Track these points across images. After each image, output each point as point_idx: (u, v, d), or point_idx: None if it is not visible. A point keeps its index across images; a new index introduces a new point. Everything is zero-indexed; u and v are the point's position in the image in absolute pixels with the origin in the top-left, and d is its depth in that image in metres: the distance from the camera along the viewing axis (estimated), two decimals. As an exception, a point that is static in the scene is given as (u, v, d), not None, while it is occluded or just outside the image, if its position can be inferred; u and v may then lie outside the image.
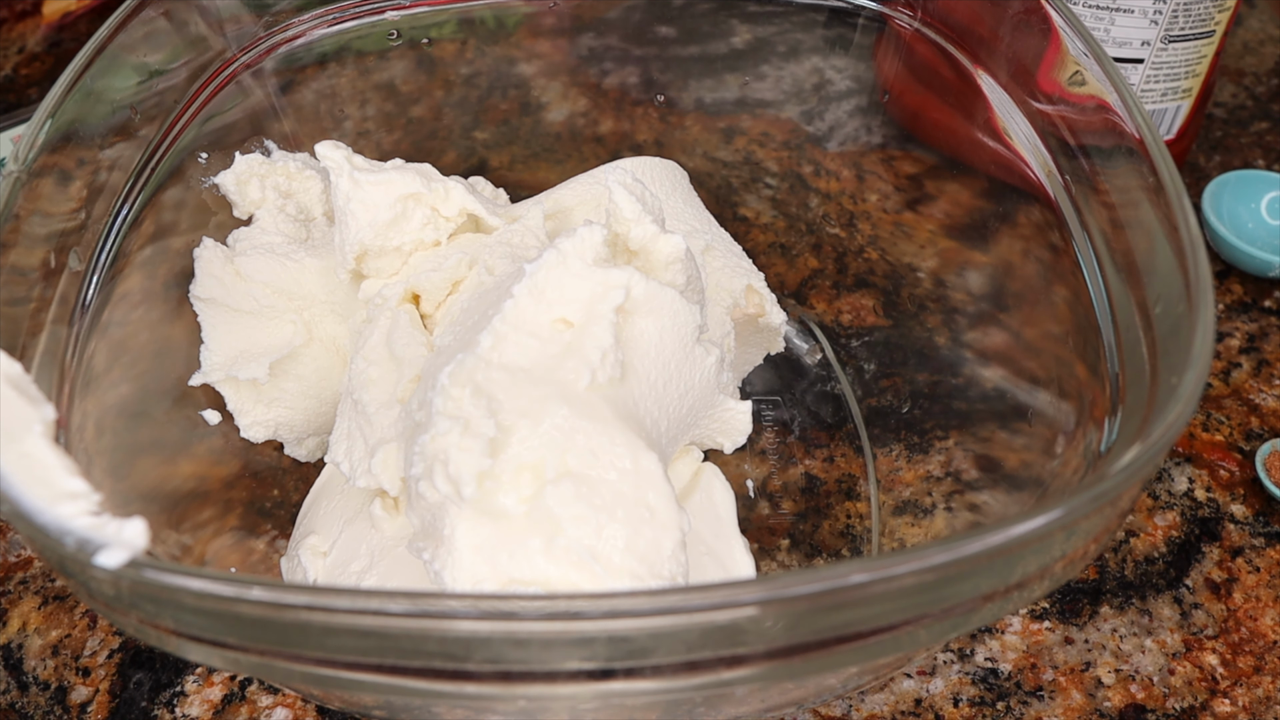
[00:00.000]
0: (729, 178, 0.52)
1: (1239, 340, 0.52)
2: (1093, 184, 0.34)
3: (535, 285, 0.30)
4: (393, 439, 0.33)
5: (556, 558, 0.27)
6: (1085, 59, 0.34)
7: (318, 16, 0.44)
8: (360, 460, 0.34)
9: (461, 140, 0.51)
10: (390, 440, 0.33)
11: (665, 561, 0.28)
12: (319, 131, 0.46)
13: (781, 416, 0.47)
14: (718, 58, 0.49)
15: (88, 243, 0.35)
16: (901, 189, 0.47)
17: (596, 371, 0.29)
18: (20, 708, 0.40)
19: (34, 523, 0.23)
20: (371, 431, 0.34)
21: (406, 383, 0.34)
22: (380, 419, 0.34)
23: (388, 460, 0.33)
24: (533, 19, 0.48)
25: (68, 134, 0.35)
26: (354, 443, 0.34)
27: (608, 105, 0.51)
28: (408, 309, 0.37)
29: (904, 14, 0.43)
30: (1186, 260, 0.28)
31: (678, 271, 0.33)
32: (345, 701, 0.34)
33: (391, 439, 0.33)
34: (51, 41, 0.69)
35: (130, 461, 0.35)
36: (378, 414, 0.34)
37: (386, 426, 0.33)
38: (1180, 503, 0.45)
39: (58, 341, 0.33)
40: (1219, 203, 0.55)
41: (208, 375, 0.38)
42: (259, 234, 0.40)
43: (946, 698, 0.40)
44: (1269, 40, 0.69)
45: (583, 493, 0.28)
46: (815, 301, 0.51)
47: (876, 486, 0.44)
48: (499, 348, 0.30)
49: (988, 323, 0.43)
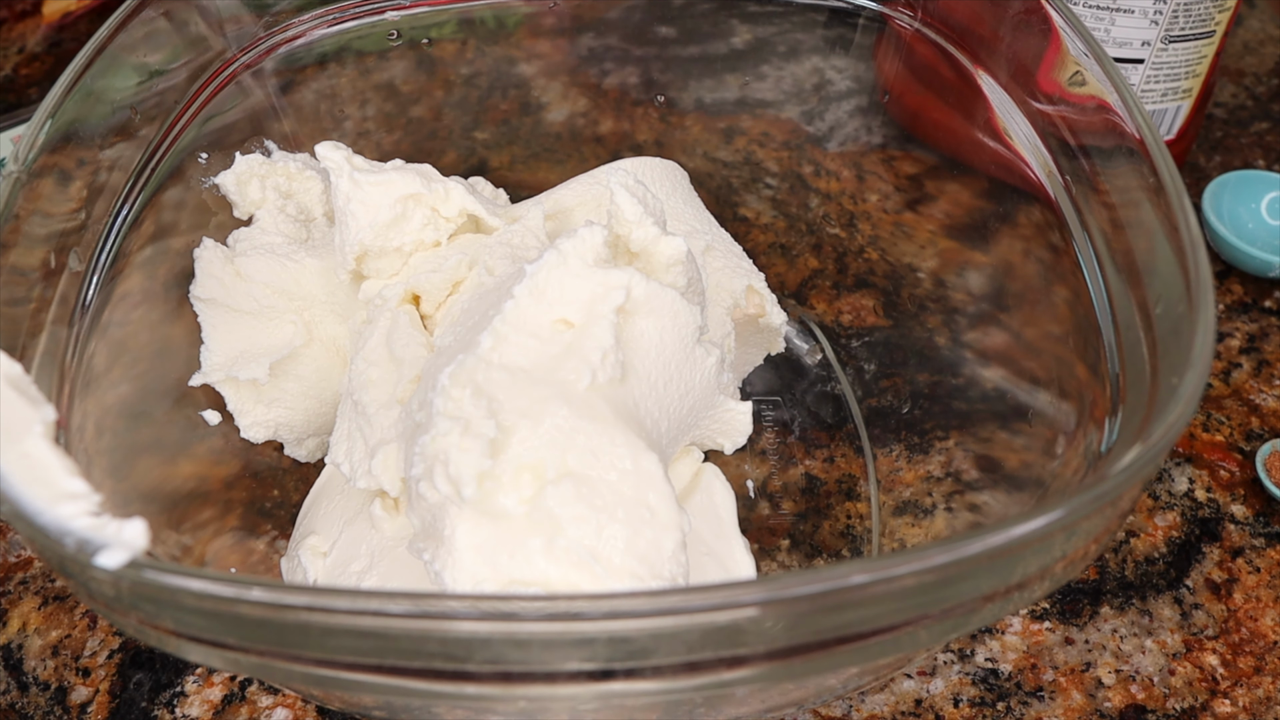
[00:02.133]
0: (729, 178, 0.52)
1: (1239, 340, 0.52)
2: (1093, 184, 0.34)
3: (536, 286, 0.30)
4: (393, 440, 0.33)
5: (557, 558, 0.27)
6: (1085, 59, 0.34)
7: (318, 16, 0.44)
8: (361, 461, 0.34)
9: (461, 140, 0.51)
10: (390, 441, 0.33)
11: (666, 562, 0.28)
12: (319, 132, 0.46)
13: (782, 417, 0.47)
14: (718, 58, 0.49)
15: (88, 243, 0.35)
16: (902, 189, 0.47)
17: (597, 372, 0.29)
18: (20, 708, 0.40)
19: (34, 523, 0.23)
20: (372, 432, 0.34)
21: (406, 383, 0.34)
22: (380, 420, 0.34)
23: (388, 461, 0.33)
24: (533, 19, 0.48)
25: (68, 134, 0.35)
26: (354, 444, 0.34)
27: (608, 105, 0.51)
28: (407, 310, 0.37)
29: (904, 14, 0.43)
30: (1187, 260, 0.28)
31: (678, 273, 0.33)
32: (345, 702, 0.34)
33: (391, 440, 0.33)
34: (51, 41, 0.69)
35: (130, 462, 0.35)
36: (378, 415, 0.34)
37: (386, 427, 0.33)
38: (1180, 503, 0.45)
39: (58, 342, 0.33)
40: (1219, 203, 0.55)
41: (208, 375, 0.38)
42: (259, 234, 0.40)
43: (947, 698, 0.40)
44: (1269, 40, 0.69)
45: (583, 493, 0.28)
46: (815, 302, 0.51)
47: (877, 487, 0.44)
48: (499, 348, 0.30)
49: (988, 323, 0.43)
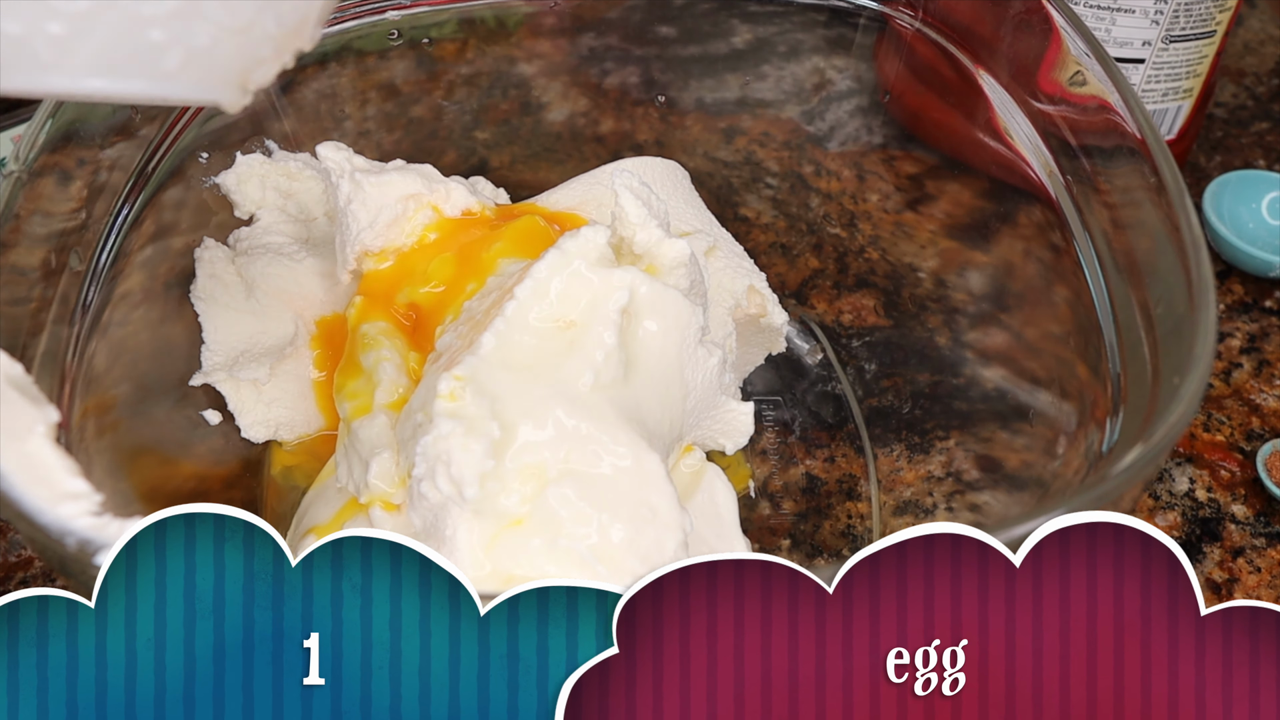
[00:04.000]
0: (729, 178, 0.52)
1: (1240, 340, 0.52)
2: (1094, 184, 0.34)
3: (538, 286, 0.30)
4: (383, 447, 0.33)
5: (559, 558, 0.27)
6: (1086, 59, 0.34)
7: (318, 16, 0.44)
8: (359, 476, 0.34)
9: (462, 140, 0.51)
10: (381, 449, 0.33)
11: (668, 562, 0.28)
12: (319, 131, 0.46)
13: (782, 416, 0.47)
14: (718, 58, 0.49)
15: (88, 243, 0.35)
16: (902, 189, 0.47)
17: (599, 372, 0.29)
18: (20, 708, 0.40)
19: (35, 523, 0.23)
20: (362, 446, 0.34)
21: (380, 391, 0.34)
22: (364, 432, 0.34)
23: (383, 470, 0.33)
24: (533, 19, 0.48)
25: (68, 134, 0.35)
26: (351, 461, 0.34)
27: (608, 105, 0.51)
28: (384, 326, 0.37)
29: (905, 14, 0.43)
30: (1188, 260, 0.28)
31: (681, 276, 0.33)
32: None
33: (382, 447, 0.33)
34: (51, 41, 0.69)
35: (131, 461, 0.35)
36: (360, 427, 0.34)
37: (373, 437, 0.33)
38: (1181, 503, 0.45)
39: (58, 341, 0.33)
40: (1220, 203, 0.55)
41: (208, 375, 0.38)
42: (260, 234, 0.40)
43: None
44: (1269, 40, 0.69)
45: (585, 493, 0.28)
46: (816, 301, 0.51)
47: (877, 487, 0.44)
48: (502, 348, 0.30)
49: (989, 323, 0.43)
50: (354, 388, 0.35)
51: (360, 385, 0.35)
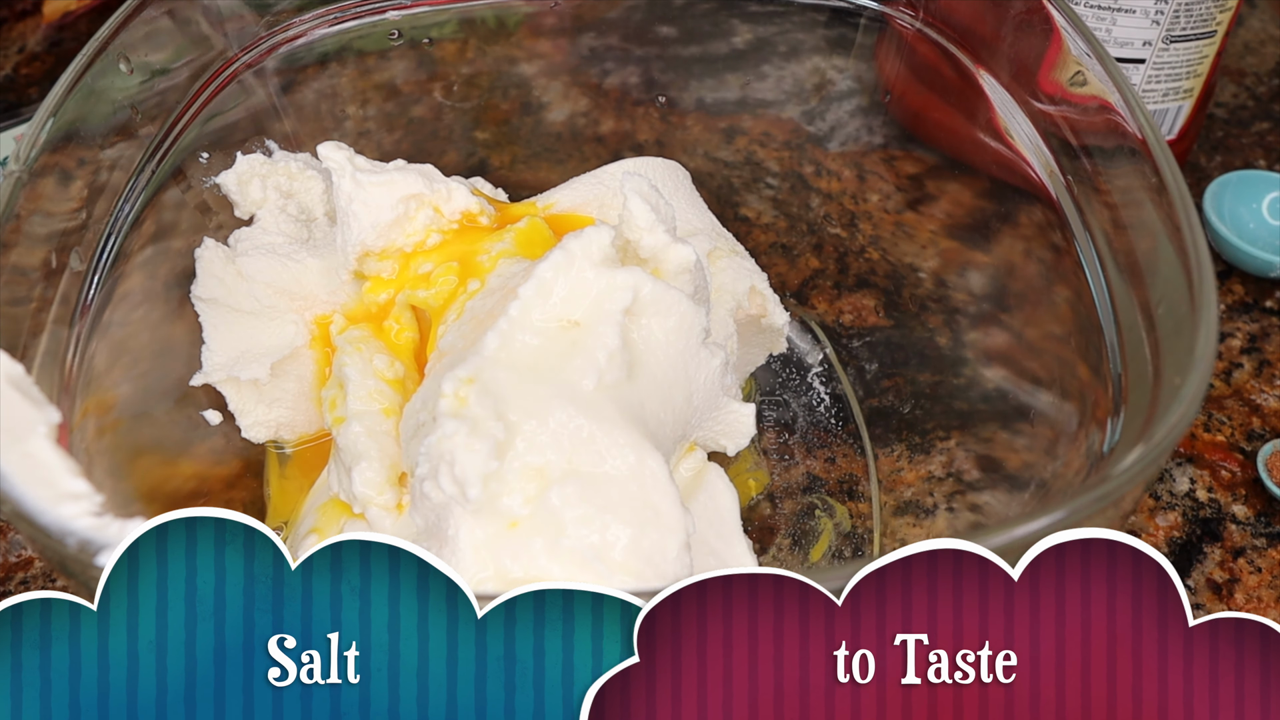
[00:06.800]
0: (730, 178, 0.52)
1: (1240, 340, 0.52)
2: (1094, 184, 0.34)
3: (542, 286, 0.30)
4: (360, 455, 0.33)
5: (561, 558, 0.27)
6: (1087, 59, 0.34)
7: (319, 16, 0.44)
8: (347, 486, 0.34)
9: (462, 140, 0.51)
10: (359, 457, 0.33)
11: (670, 563, 0.28)
12: (320, 131, 0.46)
13: (783, 417, 0.47)
14: (719, 58, 0.49)
15: (89, 243, 0.35)
16: (903, 189, 0.47)
17: (603, 372, 0.29)
18: (21, 708, 0.40)
19: (36, 523, 0.23)
20: (344, 455, 0.34)
21: (353, 400, 0.34)
22: (342, 440, 0.34)
23: (366, 478, 0.33)
24: (533, 19, 0.48)
25: (69, 133, 0.35)
26: (339, 470, 0.35)
27: (609, 105, 0.51)
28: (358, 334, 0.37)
29: (905, 14, 0.43)
30: (1189, 261, 0.28)
31: (686, 280, 0.33)
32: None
33: (359, 455, 0.33)
34: (52, 41, 0.69)
35: (131, 461, 0.35)
36: (339, 436, 0.34)
37: (350, 445, 0.34)
38: (1182, 503, 0.45)
39: (59, 342, 0.33)
40: (1220, 203, 0.55)
41: (209, 375, 0.38)
42: (260, 234, 0.40)
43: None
44: (1270, 40, 0.69)
45: (588, 493, 0.28)
46: (816, 301, 0.51)
47: (878, 487, 0.44)
48: (505, 348, 0.30)
49: (989, 323, 0.43)
50: (331, 398, 0.36)
51: (336, 395, 0.35)
